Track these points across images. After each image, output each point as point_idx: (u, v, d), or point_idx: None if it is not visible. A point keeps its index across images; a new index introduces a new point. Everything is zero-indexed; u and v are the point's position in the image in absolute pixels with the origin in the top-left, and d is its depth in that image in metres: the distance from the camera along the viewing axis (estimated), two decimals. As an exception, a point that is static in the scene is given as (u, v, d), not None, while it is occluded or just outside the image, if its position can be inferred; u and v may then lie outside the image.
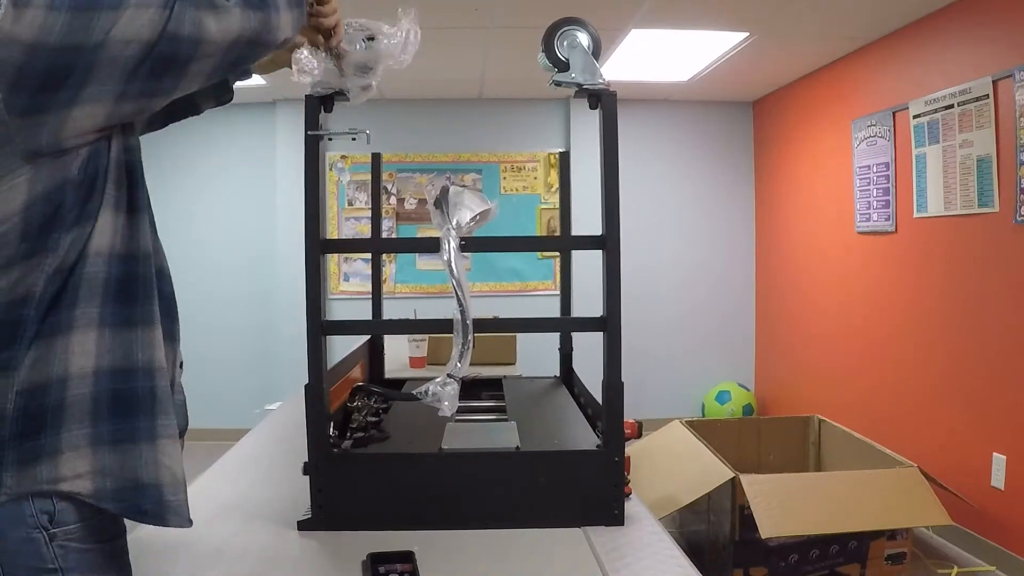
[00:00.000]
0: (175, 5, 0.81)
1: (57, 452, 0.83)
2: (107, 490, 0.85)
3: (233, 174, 5.09)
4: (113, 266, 0.89)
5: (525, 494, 1.26)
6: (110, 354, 0.87)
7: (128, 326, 0.89)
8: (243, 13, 0.89)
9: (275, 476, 1.58)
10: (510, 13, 3.29)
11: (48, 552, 0.83)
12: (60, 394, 0.83)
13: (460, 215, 1.27)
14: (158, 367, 0.90)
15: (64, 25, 0.75)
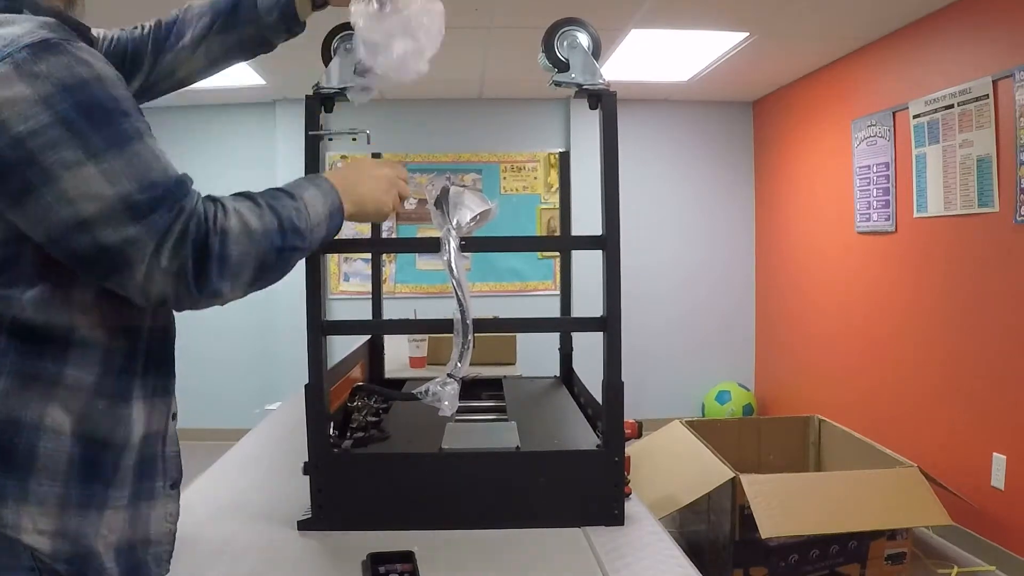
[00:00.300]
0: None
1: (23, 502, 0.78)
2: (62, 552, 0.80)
3: (233, 174, 5.08)
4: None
5: (525, 494, 1.26)
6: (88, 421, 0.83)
7: (109, 397, 0.85)
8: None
9: (275, 476, 1.58)
10: (510, 13, 3.29)
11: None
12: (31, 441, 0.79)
13: (460, 215, 1.27)
14: (129, 443, 0.86)
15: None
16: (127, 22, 1.33)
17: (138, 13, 2.37)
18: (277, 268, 0.92)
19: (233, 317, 5.06)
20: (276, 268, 0.92)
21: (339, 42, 1.31)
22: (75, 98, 0.74)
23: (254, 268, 0.88)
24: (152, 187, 0.79)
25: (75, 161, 0.74)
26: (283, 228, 0.90)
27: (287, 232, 0.90)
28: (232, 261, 0.84)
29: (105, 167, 0.75)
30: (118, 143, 0.77)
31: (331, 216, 0.99)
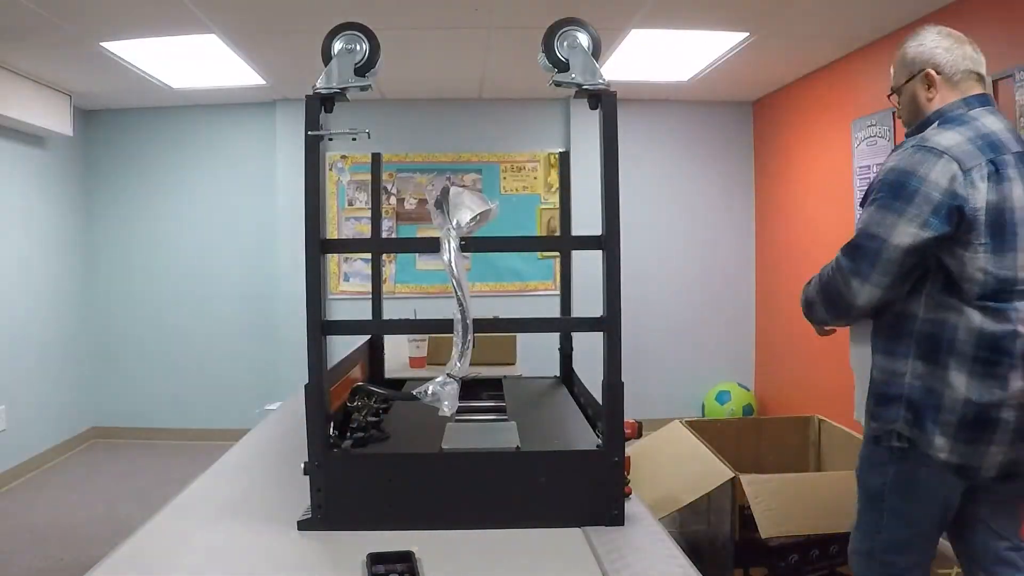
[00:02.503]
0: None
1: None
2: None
3: (233, 174, 5.09)
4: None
5: (525, 494, 1.26)
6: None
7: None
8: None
9: (275, 476, 1.58)
10: (510, 13, 3.29)
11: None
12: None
13: (460, 215, 1.27)
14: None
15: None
16: (128, 21, 1.33)
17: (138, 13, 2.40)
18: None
19: (233, 317, 5.06)
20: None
21: (339, 42, 1.31)
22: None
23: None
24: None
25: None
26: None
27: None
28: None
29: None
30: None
31: None
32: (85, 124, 4.99)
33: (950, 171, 1.47)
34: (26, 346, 4.35)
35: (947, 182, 1.46)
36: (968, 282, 1.49)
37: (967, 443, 1.52)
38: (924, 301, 1.53)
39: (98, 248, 5.07)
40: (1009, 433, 1.51)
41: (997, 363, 1.49)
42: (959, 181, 1.46)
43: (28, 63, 3.84)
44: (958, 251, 1.48)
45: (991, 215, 1.47)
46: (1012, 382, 1.48)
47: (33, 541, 3.27)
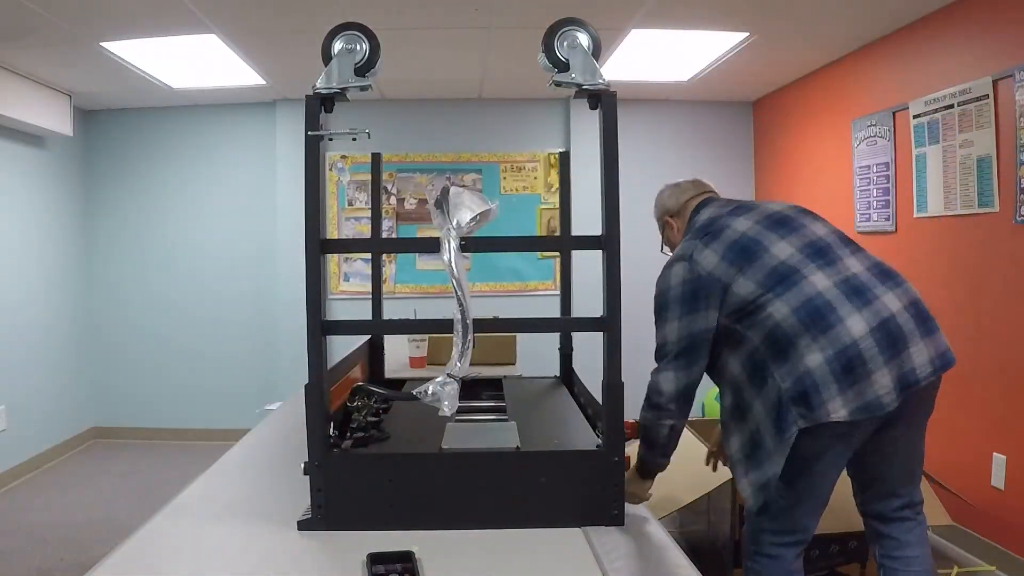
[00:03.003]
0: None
1: None
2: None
3: (233, 174, 5.09)
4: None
5: (525, 494, 1.26)
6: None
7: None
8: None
9: (275, 476, 1.58)
10: (510, 13, 3.29)
11: None
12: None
13: (460, 215, 1.27)
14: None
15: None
16: (128, 21, 1.33)
17: (138, 13, 2.40)
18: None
19: (234, 317, 5.07)
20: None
21: (339, 42, 1.31)
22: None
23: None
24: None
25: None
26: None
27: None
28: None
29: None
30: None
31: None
32: (85, 124, 4.99)
33: (682, 274, 1.82)
34: (26, 346, 4.35)
35: (681, 283, 1.81)
36: (748, 296, 1.69)
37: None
38: (734, 338, 1.72)
39: (98, 248, 5.07)
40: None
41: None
42: (694, 271, 1.78)
43: (28, 63, 3.84)
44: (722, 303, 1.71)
45: (727, 257, 1.72)
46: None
47: (33, 541, 3.27)
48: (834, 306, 1.57)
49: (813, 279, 1.61)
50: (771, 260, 1.66)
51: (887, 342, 1.56)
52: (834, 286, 1.60)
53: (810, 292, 1.60)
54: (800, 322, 1.58)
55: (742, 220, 1.76)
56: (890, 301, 1.60)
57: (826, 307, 1.57)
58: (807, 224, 1.74)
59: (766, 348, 1.61)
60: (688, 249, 1.80)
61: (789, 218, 1.75)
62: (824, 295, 1.59)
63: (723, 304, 1.68)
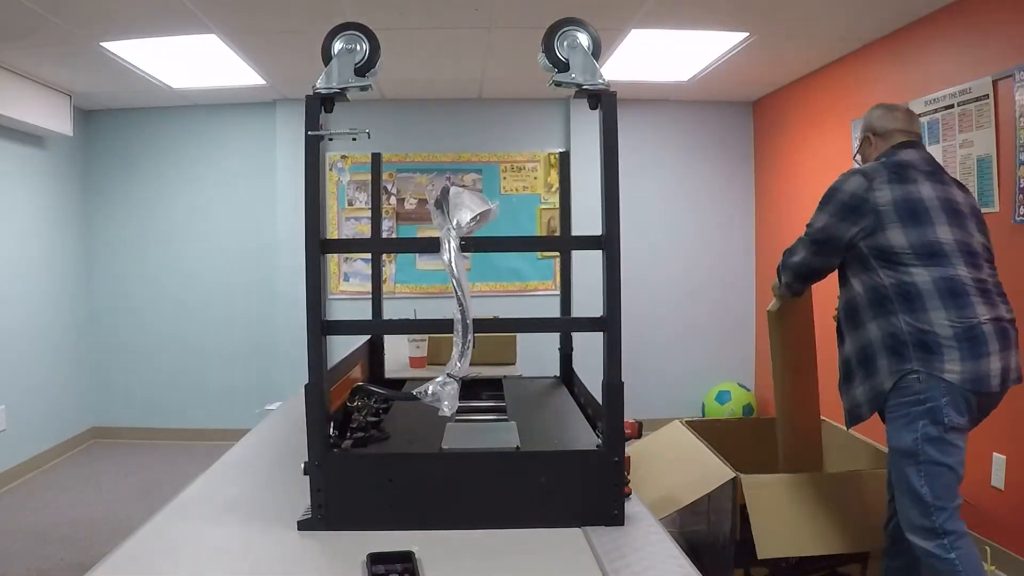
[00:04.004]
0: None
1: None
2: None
3: (233, 174, 5.09)
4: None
5: (525, 494, 1.26)
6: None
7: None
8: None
9: (275, 476, 1.58)
10: (510, 13, 3.29)
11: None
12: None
13: (460, 215, 1.27)
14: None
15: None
16: (128, 21, 1.33)
17: (138, 13, 2.40)
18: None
19: (233, 317, 5.07)
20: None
21: (339, 42, 1.31)
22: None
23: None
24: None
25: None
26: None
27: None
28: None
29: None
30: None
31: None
32: (85, 124, 4.99)
33: (857, 183, 2.04)
34: (26, 346, 4.35)
35: (854, 189, 2.04)
36: (903, 254, 1.95)
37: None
38: (874, 273, 1.99)
39: (98, 247, 5.07)
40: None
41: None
42: (863, 188, 2.02)
43: (28, 63, 3.84)
44: (875, 232, 1.98)
45: (899, 205, 1.97)
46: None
47: (33, 541, 3.27)
48: (968, 292, 1.89)
49: (959, 269, 1.91)
50: (932, 235, 1.93)
51: (1000, 336, 1.89)
52: (972, 281, 1.91)
53: (952, 274, 1.90)
54: (936, 289, 1.89)
55: (929, 187, 2.00)
56: (1003, 311, 1.95)
57: (962, 289, 1.89)
58: (972, 229, 2.02)
59: (896, 292, 1.93)
60: (874, 172, 2.04)
61: (963, 215, 2.02)
62: (963, 281, 1.90)
63: (869, 235, 1.97)
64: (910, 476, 1.88)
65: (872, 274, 1.98)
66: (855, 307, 2.03)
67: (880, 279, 1.96)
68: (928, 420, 1.86)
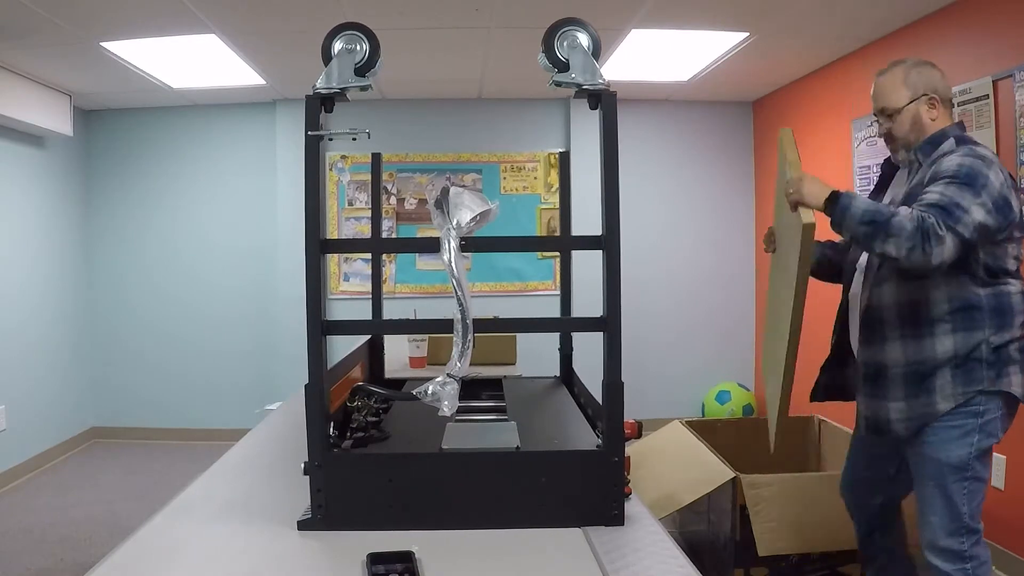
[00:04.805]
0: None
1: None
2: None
3: (233, 174, 5.09)
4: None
5: (525, 494, 1.26)
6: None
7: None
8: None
9: (275, 476, 1.58)
10: (510, 13, 3.29)
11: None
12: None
13: (460, 215, 1.27)
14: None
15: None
16: (128, 21, 1.33)
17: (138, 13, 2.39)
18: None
19: (234, 317, 5.07)
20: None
21: (339, 42, 1.31)
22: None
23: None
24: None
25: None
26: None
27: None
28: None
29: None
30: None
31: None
32: (85, 124, 4.99)
33: (1001, 177, 1.72)
34: (26, 346, 4.35)
35: (1000, 185, 1.70)
36: (1010, 263, 1.77)
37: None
38: (973, 281, 1.75)
39: (98, 247, 5.07)
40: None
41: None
42: (1008, 185, 1.72)
43: (28, 63, 3.84)
44: (1000, 240, 1.74)
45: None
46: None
47: (33, 541, 3.27)
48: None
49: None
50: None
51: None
52: None
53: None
54: (1022, 301, 1.76)
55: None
56: None
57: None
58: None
59: (991, 306, 1.73)
60: (1000, 167, 1.74)
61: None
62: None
63: (996, 243, 1.73)
64: (952, 492, 1.73)
65: (970, 282, 1.74)
66: (922, 312, 1.76)
67: (976, 290, 1.73)
68: (983, 434, 1.73)
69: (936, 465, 1.75)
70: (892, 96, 1.93)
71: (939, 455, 1.75)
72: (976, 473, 1.73)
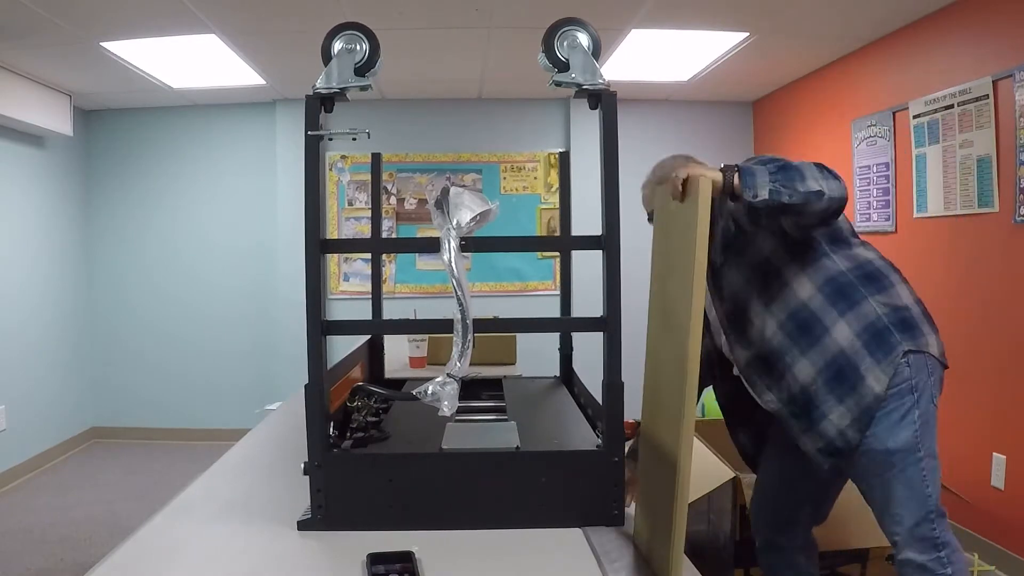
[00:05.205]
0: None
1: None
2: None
3: (233, 174, 5.09)
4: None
5: (525, 494, 1.26)
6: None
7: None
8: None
9: (275, 476, 1.58)
10: (510, 13, 3.29)
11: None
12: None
13: (460, 215, 1.27)
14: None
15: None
16: (128, 21, 1.33)
17: (137, 13, 2.38)
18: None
19: (234, 317, 5.07)
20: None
21: (339, 42, 1.31)
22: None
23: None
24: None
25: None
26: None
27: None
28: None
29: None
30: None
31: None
32: (85, 124, 4.99)
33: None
34: (26, 346, 4.35)
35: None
36: (850, 236, 1.77)
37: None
38: (824, 258, 1.71)
39: (98, 247, 5.07)
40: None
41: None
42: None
43: (28, 63, 3.84)
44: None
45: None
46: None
47: (33, 541, 3.27)
48: (895, 269, 1.77)
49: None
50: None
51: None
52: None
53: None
54: (887, 264, 1.74)
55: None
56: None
57: (890, 263, 1.77)
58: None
59: (858, 275, 1.68)
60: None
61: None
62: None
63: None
64: (912, 476, 1.61)
65: (825, 262, 1.68)
66: (807, 316, 1.66)
67: (836, 265, 1.67)
68: (921, 408, 1.62)
69: (885, 455, 1.62)
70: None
71: (886, 444, 1.61)
72: (929, 449, 1.62)
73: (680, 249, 1.23)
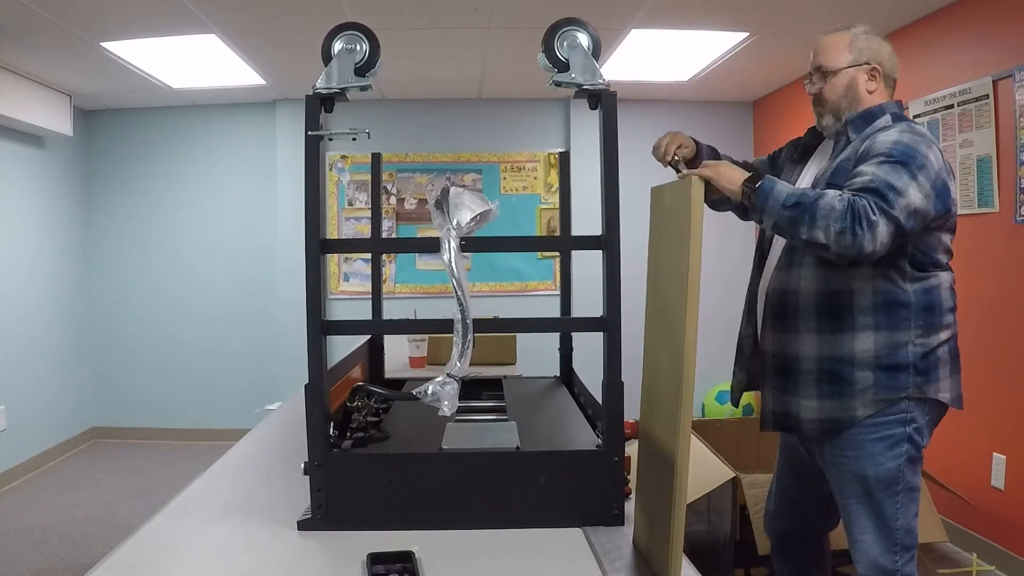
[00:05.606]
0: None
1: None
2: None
3: (233, 174, 5.09)
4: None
5: (525, 494, 1.26)
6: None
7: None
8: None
9: (275, 476, 1.58)
10: (510, 13, 3.29)
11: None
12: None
13: (460, 215, 1.27)
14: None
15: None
16: (128, 21, 1.33)
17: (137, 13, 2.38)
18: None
19: (234, 317, 5.07)
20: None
21: (339, 42, 1.31)
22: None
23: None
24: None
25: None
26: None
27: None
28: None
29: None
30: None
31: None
32: (85, 124, 4.99)
33: (941, 159, 1.58)
34: (26, 346, 4.35)
35: (939, 167, 1.56)
36: (941, 255, 1.62)
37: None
38: (899, 275, 1.58)
39: (98, 247, 5.07)
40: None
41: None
42: (946, 170, 1.59)
43: (28, 63, 3.84)
44: (933, 229, 1.58)
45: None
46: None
47: (33, 541, 3.27)
48: (954, 293, 1.64)
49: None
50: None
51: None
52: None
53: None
54: (951, 292, 1.62)
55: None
56: None
57: (952, 293, 1.64)
58: None
59: (919, 302, 1.57)
60: (934, 141, 1.61)
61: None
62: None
63: (931, 231, 1.57)
64: (884, 507, 1.58)
65: (897, 276, 1.57)
66: (846, 305, 1.58)
67: (904, 286, 1.56)
68: (912, 444, 1.58)
69: (863, 482, 1.58)
70: (833, 56, 1.89)
71: (866, 471, 1.57)
72: (908, 483, 1.58)
73: (675, 248, 1.26)
